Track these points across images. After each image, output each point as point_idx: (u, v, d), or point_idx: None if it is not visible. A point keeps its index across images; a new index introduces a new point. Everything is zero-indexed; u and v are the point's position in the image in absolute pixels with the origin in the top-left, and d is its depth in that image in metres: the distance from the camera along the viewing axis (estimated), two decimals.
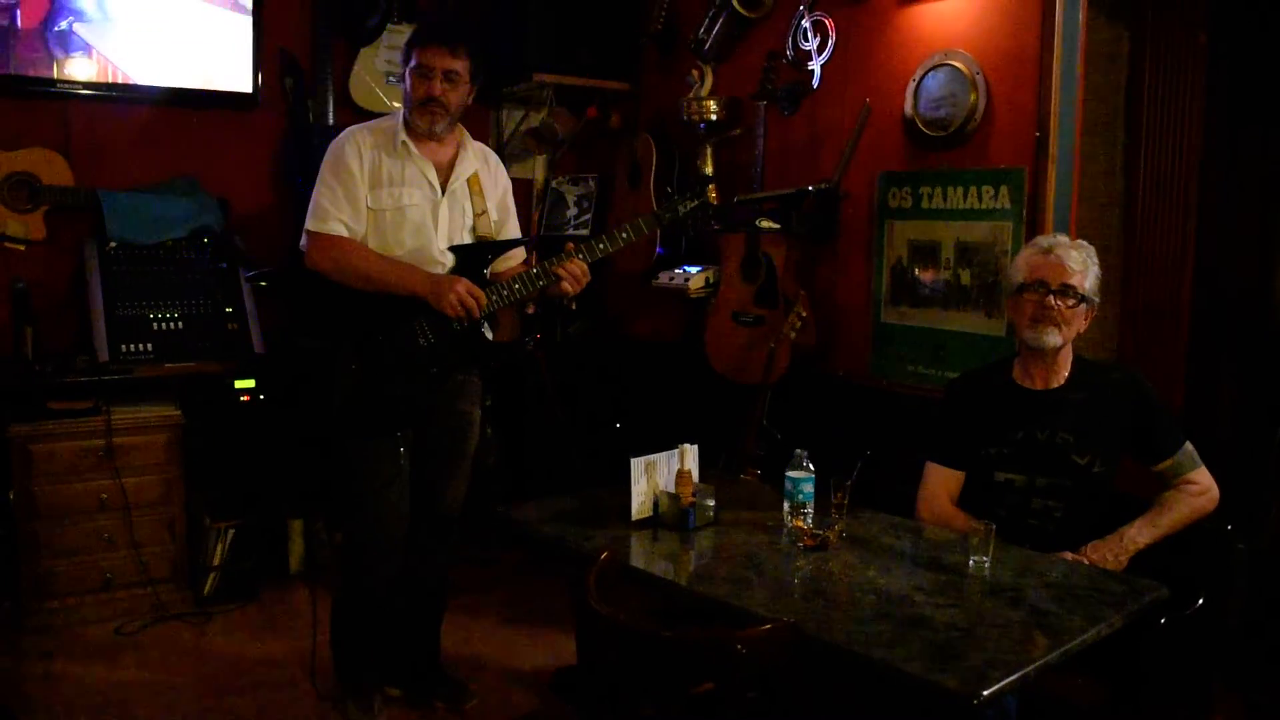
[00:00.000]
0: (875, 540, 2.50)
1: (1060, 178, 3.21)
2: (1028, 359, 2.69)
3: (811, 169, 3.97)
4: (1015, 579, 2.23)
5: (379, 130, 3.02)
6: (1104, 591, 2.16)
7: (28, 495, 3.75)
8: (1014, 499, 2.65)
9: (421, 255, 2.98)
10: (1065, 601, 2.09)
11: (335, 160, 2.97)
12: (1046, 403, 2.65)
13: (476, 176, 3.10)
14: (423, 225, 2.99)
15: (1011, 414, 2.68)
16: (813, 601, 2.12)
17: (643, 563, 2.41)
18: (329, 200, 2.93)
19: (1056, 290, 2.56)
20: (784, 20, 4.06)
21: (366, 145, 2.97)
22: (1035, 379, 2.69)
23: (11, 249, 4.05)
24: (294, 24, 4.53)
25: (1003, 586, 2.19)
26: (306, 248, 2.97)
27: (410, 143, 2.99)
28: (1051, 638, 1.93)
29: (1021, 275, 2.62)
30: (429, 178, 3.01)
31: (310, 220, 2.95)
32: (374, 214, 2.97)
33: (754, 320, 3.93)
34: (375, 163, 2.97)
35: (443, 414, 3.08)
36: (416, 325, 2.93)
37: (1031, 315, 2.59)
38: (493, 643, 3.77)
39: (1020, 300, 2.62)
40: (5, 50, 3.97)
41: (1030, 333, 2.60)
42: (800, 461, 2.55)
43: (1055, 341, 2.59)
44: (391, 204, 2.97)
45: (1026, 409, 2.66)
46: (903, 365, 3.71)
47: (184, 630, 3.85)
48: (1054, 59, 3.17)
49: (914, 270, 3.66)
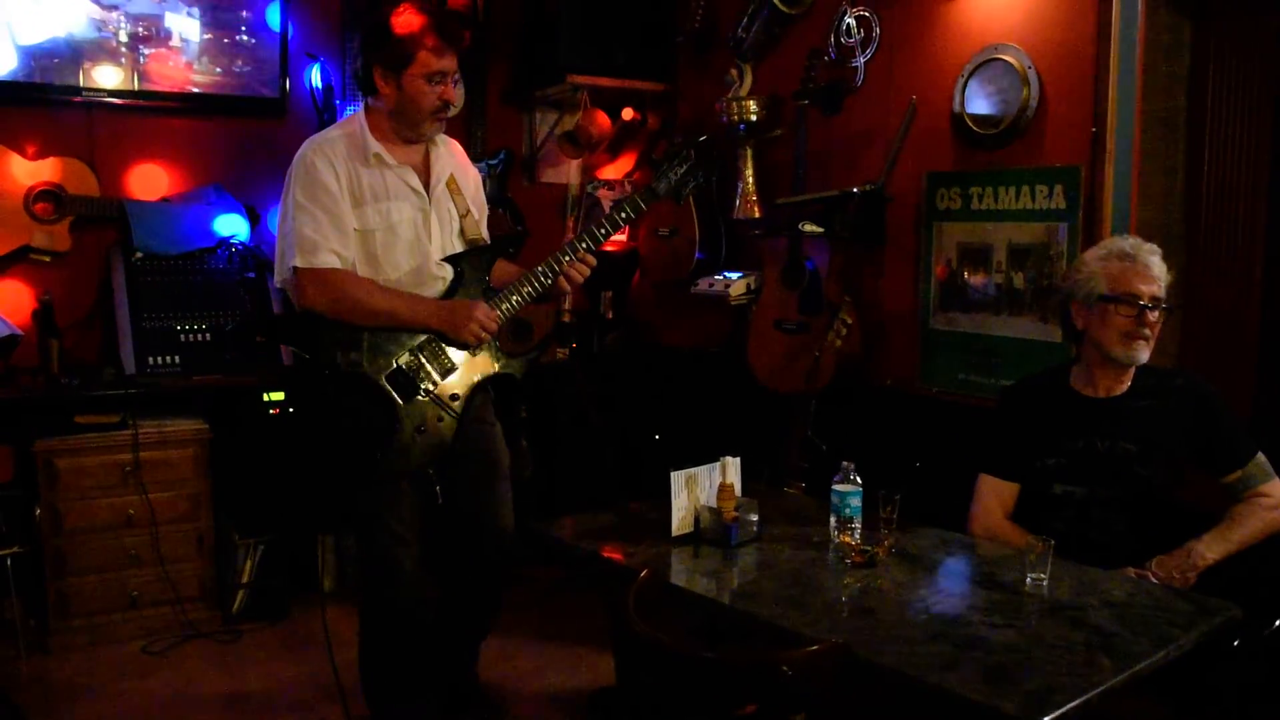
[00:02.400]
0: (926, 557, 2.46)
1: (1118, 176, 3.16)
2: (1095, 367, 2.63)
3: (855, 170, 3.94)
4: (1075, 597, 2.18)
5: (344, 137, 2.82)
6: (1171, 611, 2.10)
7: (53, 511, 3.78)
8: (1073, 512, 2.59)
9: (419, 274, 2.86)
10: (1130, 622, 2.04)
11: (309, 180, 2.75)
12: (1108, 411, 2.60)
13: (452, 175, 2.97)
14: (416, 242, 2.85)
15: (1071, 423, 2.63)
16: (861, 621, 2.09)
17: (684, 580, 2.38)
18: (312, 229, 2.72)
19: (1149, 304, 2.51)
20: (826, 16, 4.03)
21: (339, 157, 2.77)
22: (1098, 387, 2.64)
23: (37, 261, 4.10)
24: (321, 27, 4.56)
25: (1062, 605, 2.14)
26: (294, 286, 2.76)
27: (384, 152, 2.81)
28: (1116, 660, 1.88)
29: (1104, 285, 2.55)
30: (413, 185, 2.86)
31: (296, 255, 2.72)
32: (361, 235, 2.79)
33: (797, 328, 3.89)
34: (353, 176, 2.78)
35: (466, 438, 2.95)
36: (431, 353, 2.81)
37: (1124, 331, 2.53)
38: (528, 662, 3.75)
39: (1106, 312, 2.55)
40: (30, 58, 4.02)
41: (1122, 349, 2.54)
42: (847, 474, 2.51)
43: (1146, 357, 2.55)
44: (380, 223, 2.80)
45: (1087, 418, 2.61)
46: (952, 373, 3.66)
47: (212, 649, 3.87)
48: (1111, 50, 3.12)
49: (964, 274, 3.61)
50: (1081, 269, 2.63)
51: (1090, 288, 2.58)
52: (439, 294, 2.89)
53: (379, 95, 2.82)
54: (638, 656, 1.94)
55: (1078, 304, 2.62)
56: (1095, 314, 2.58)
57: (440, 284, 2.90)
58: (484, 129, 4.86)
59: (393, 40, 2.76)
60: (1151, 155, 3.26)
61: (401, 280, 2.85)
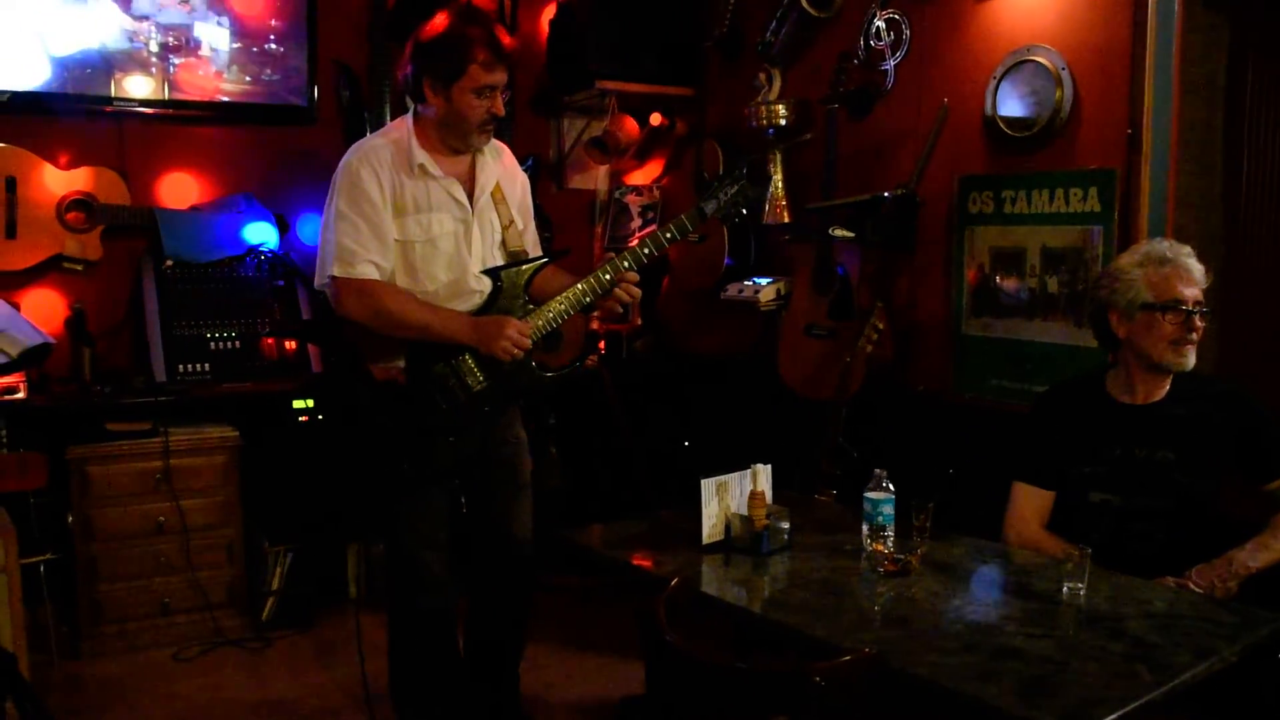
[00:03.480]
0: (960, 565, 2.44)
1: (1155, 178, 3.13)
2: (1136, 374, 2.60)
3: (886, 174, 3.92)
4: (1113, 608, 2.15)
5: (390, 145, 2.82)
6: (1214, 622, 2.07)
7: (85, 518, 3.82)
8: (1110, 521, 2.56)
9: (457, 287, 2.85)
10: (1170, 633, 2.01)
11: (352, 188, 2.76)
12: (1146, 418, 2.56)
13: (498, 184, 2.96)
14: (456, 255, 2.85)
15: (1108, 430, 2.59)
16: (895, 631, 2.07)
17: (714, 589, 2.37)
18: (353, 239, 2.74)
19: (1194, 309, 2.48)
20: (855, 19, 4.01)
21: (384, 166, 2.77)
22: (1136, 393, 2.60)
23: (69, 270, 4.13)
24: (349, 35, 4.58)
25: (1100, 616, 2.11)
26: (334, 295, 2.78)
27: (429, 162, 2.81)
28: (1156, 673, 1.84)
29: (1147, 293, 2.51)
30: (456, 197, 2.85)
31: (335, 264, 2.74)
32: (401, 246, 2.80)
33: (828, 333, 3.87)
34: (396, 186, 2.78)
35: (494, 447, 2.98)
36: (463, 366, 2.81)
37: (1172, 338, 2.49)
38: (557, 671, 3.74)
39: (1152, 320, 2.51)
40: (63, 69, 4.06)
41: (1172, 355, 2.50)
42: (879, 482, 2.49)
43: (1193, 363, 2.51)
44: (421, 235, 2.81)
45: (1124, 425, 2.58)
46: (985, 379, 3.62)
47: (242, 656, 3.89)
48: (1147, 51, 3.08)
49: (996, 279, 3.58)
50: (1120, 276, 2.58)
51: (1131, 296, 2.54)
52: (476, 307, 2.88)
53: (427, 104, 2.82)
54: (667, 666, 1.93)
55: (1117, 313, 2.58)
56: (1139, 323, 2.54)
57: (478, 297, 2.89)
58: (511, 135, 4.86)
59: (444, 52, 2.75)
60: (1189, 157, 3.22)
61: (439, 292, 2.85)
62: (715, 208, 2.95)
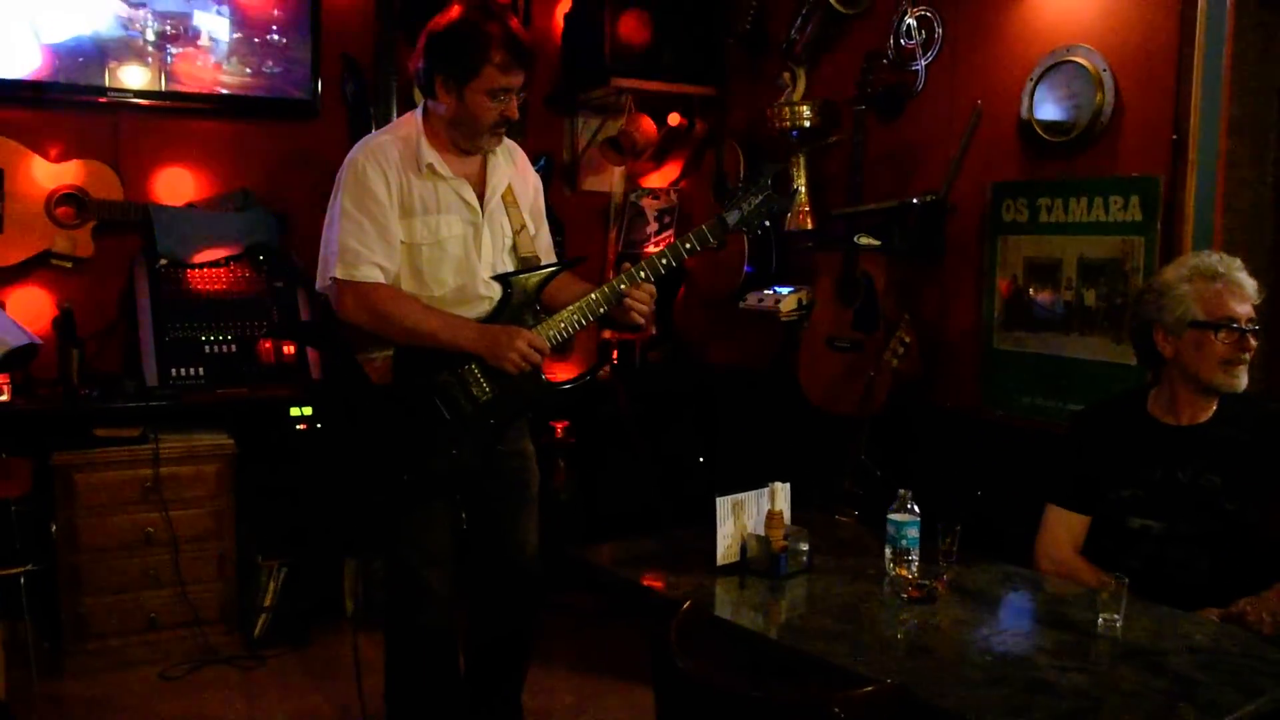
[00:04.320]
0: (988, 592, 2.41)
1: (1201, 186, 3.09)
2: (1181, 394, 2.56)
3: (915, 180, 3.90)
4: (1153, 641, 2.11)
5: (399, 142, 2.81)
6: (1261, 659, 2.03)
7: (70, 527, 3.81)
8: (1150, 548, 2.53)
9: (465, 293, 2.84)
10: (1215, 670, 1.97)
11: (358, 187, 2.75)
12: (1190, 440, 2.53)
13: (510, 186, 2.95)
14: (465, 259, 2.84)
15: (1149, 452, 2.56)
16: (919, 660, 2.05)
17: (729, 613, 2.35)
18: (357, 240, 2.73)
19: (1248, 327, 2.45)
20: (884, 17, 3.99)
21: (392, 165, 2.76)
22: (1180, 414, 2.57)
23: (58, 267, 4.14)
24: (354, 26, 4.59)
25: (1138, 649, 2.08)
26: (335, 297, 2.77)
27: (438, 162, 2.80)
28: (1200, 712, 1.81)
29: (1198, 310, 2.48)
30: (466, 199, 2.84)
31: (337, 266, 2.73)
32: (408, 249, 2.79)
33: (851, 346, 3.85)
34: (404, 186, 2.77)
35: (500, 460, 2.94)
36: (469, 375, 2.79)
37: (1224, 358, 2.46)
38: (562, 694, 3.73)
39: (1204, 340, 2.47)
40: (55, 57, 4.07)
41: (1223, 376, 2.47)
42: (904, 503, 2.46)
43: (1245, 383, 2.48)
44: (429, 237, 2.80)
45: (1166, 447, 2.55)
46: (1017, 396, 3.59)
47: (232, 675, 3.88)
48: (1195, 51, 3.05)
49: (1030, 291, 3.55)
50: (1167, 291, 2.54)
51: (1180, 313, 2.50)
52: (484, 314, 2.87)
53: (439, 101, 2.80)
54: (680, 694, 1.91)
55: (1163, 330, 2.54)
56: (1187, 341, 2.50)
57: (487, 304, 2.88)
58: (524, 134, 4.86)
59: (458, 50, 2.73)
60: (1238, 164, 3.19)
61: (446, 298, 2.84)
62: (738, 218, 2.91)
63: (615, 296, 2.83)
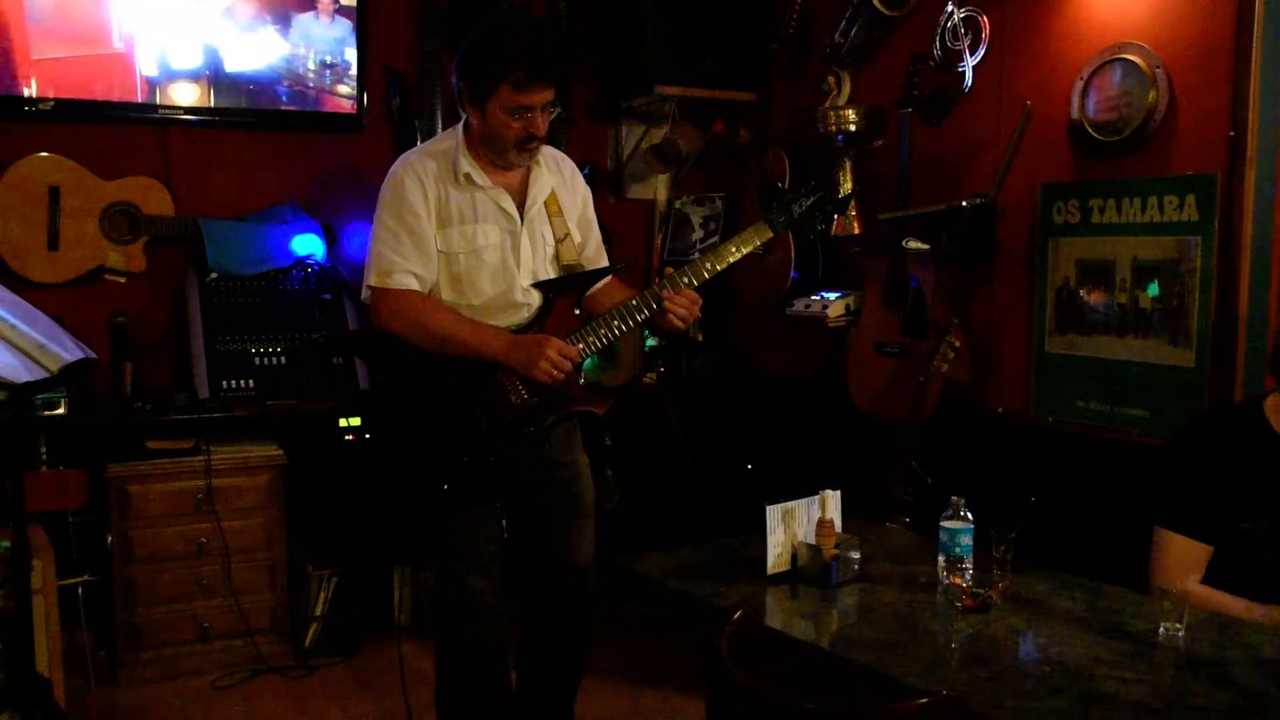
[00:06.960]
0: (1044, 601, 2.37)
1: (1260, 184, 3.02)
2: None
3: (963, 182, 3.85)
4: (1217, 651, 2.06)
5: (437, 155, 2.85)
6: None
7: (125, 539, 3.86)
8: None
9: (502, 301, 2.86)
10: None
11: (396, 199, 2.80)
12: None
13: (554, 195, 2.95)
14: (502, 267, 2.85)
15: (1277, 476, 2.38)
16: (974, 671, 2.01)
17: (780, 622, 2.33)
18: (393, 249, 2.78)
19: None
20: (930, 18, 3.95)
21: (429, 177, 2.81)
22: None
23: (111, 281, 4.19)
24: (399, 40, 4.61)
25: (1201, 660, 2.03)
26: (372, 305, 2.83)
27: (475, 172, 2.82)
28: None
29: None
30: (504, 207, 2.86)
31: (373, 275, 2.80)
32: (445, 258, 2.82)
33: (900, 351, 3.81)
34: (441, 197, 2.81)
35: (547, 471, 2.94)
36: (508, 381, 2.79)
37: None
38: (612, 706, 3.71)
39: None
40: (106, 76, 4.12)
41: None
42: (956, 510, 2.42)
43: None
44: (465, 246, 2.82)
45: None
46: (1071, 401, 3.53)
47: (283, 684, 3.90)
48: (1253, 45, 2.98)
49: (1082, 293, 3.49)
50: None
51: None
52: (523, 322, 2.87)
53: (469, 116, 2.84)
54: (731, 704, 1.88)
55: None
56: None
57: (525, 311, 2.88)
58: (567, 143, 4.87)
59: (476, 68, 2.75)
60: None
61: (484, 306, 2.85)
62: (787, 220, 2.89)
63: (656, 302, 2.81)
